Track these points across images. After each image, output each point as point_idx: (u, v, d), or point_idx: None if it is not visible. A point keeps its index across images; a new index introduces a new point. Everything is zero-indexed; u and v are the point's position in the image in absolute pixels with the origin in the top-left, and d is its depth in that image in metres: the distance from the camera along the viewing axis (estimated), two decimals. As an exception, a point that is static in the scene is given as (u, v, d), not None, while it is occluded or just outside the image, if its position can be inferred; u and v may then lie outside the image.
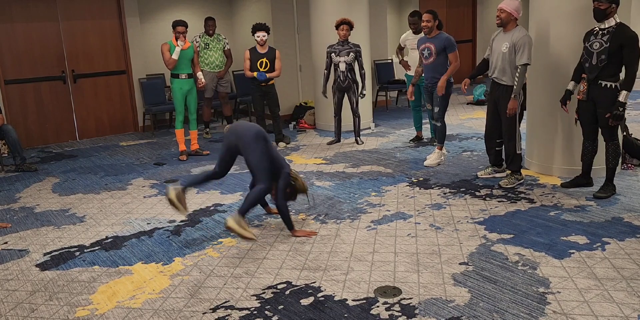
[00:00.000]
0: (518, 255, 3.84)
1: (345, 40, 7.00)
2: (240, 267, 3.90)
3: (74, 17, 8.36)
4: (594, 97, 4.77)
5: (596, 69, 4.67)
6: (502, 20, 5.14)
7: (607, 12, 4.59)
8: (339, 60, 6.99)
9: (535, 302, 3.22)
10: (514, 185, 5.32)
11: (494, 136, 5.54)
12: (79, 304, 3.49)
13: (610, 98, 4.65)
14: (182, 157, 7.03)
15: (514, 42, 5.06)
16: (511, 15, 5.10)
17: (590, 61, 4.71)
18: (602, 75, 4.67)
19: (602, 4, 4.57)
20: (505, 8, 5.10)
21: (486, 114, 5.55)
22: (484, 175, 5.66)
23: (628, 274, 3.51)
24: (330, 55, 7.08)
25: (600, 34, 4.66)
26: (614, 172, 4.92)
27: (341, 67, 7.00)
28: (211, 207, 5.19)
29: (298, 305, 3.34)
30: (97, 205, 5.45)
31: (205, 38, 8.08)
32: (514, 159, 5.34)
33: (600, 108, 4.74)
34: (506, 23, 5.14)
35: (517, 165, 5.36)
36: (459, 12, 12.60)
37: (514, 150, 5.32)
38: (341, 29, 6.91)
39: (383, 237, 4.29)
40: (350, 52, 6.95)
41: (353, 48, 6.98)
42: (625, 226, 4.26)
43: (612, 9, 4.59)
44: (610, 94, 4.66)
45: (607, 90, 4.68)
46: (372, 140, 7.66)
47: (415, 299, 3.32)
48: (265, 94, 7.28)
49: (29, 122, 8.22)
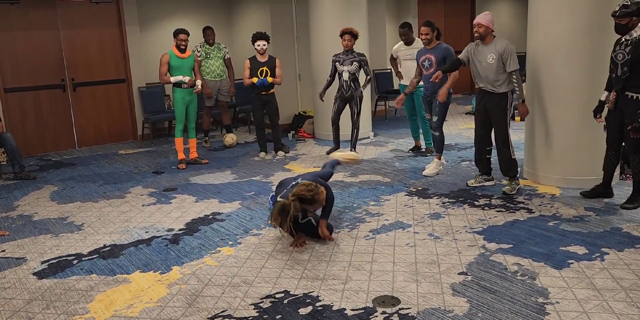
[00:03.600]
0: (517, 265, 3.84)
1: (350, 50, 6.99)
2: (238, 276, 3.89)
3: (74, 25, 8.39)
4: (622, 107, 4.77)
5: (620, 80, 4.68)
6: (480, 34, 5.26)
7: (629, 25, 4.58)
8: (343, 70, 6.97)
9: (534, 313, 3.20)
10: (516, 191, 5.37)
11: (484, 145, 5.56)
12: (76, 312, 3.47)
13: (635, 109, 4.64)
14: (181, 166, 7.03)
15: (500, 52, 5.19)
16: (488, 28, 5.24)
17: (616, 72, 4.71)
18: (627, 86, 4.67)
19: (622, 19, 4.57)
20: (482, 22, 5.22)
21: (475, 124, 5.58)
22: (474, 184, 5.69)
23: (627, 284, 3.50)
24: (335, 64, 7.07)
25: (623, 45, 4.65)
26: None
27: (344, 76, 6.97)
28: (210, 216, 5.18)
29: (296, 314, 3.32)
30: (95, 213, 5.44)
31: (205, 48, 8.11)
32: (511, 165, 5.38)
33: (626, 118, 4.74)
34: (485, 36, 5.27)
35: (515, 170, 5.41)
36: (458, 22, 12.66)
37: (510, 156, 5.36)
38: (344, 39, 6.90)
39: (382, 246, 4.28)
40: (354, 62, 6.93)
41: (357, 57, 6.95)
42: (624, 236, 4.26)
43: (634, 22, 4.56)
44: (635, 105, 4.64)
45: (632, 101, 4.66)
46: (371, 149, 7.67)
47: (414, 309, 3.31)
48: (266, 103, 7.28)
49: (28, 130, 8.22)
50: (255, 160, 7.36)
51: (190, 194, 5.90)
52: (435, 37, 6.22)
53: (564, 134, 5.43)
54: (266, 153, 7.51)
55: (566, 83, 5.30)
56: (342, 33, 6.90)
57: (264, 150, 7.51)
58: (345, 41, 6.88)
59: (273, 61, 7.21)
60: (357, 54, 6.97)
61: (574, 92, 5.29)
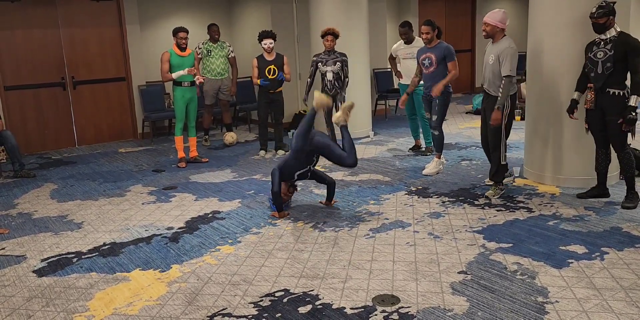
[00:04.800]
0: (517, 265, 3.84)
1: (332, 50, 6.99)
2: (238, 274, 3.89)
3: (74, 24, 8.39)
4: (603, 105, 4.80)
5: (602, 77, 4.72)
6: (487, 33, 5.20)
7: (606, 24, 4.69)
8: (326, 70, 6.96)
9: (534, 312, 3.21)
10: (499, 196, 5.33)
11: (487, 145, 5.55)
12: (76, 310, 3.48)
13: (620, 105, 4.70)
14: (181, 164, 7.03)
15: (498, 53, 5.11)
16: (496, 27, 5.14)
17: (595, 70, 4.76)
18: (609, 83, 4.72)
19: (600, 19, 4.68)
20: (489, 21, 5.15)
21: (480, 123, 5.58)
22: (490, 183, 5.67)
23: (627, 284, 3.51)
24: (316, 64, 7.05)
25: (602, 44, 4.74)
26: (633, 180, 4.92)
27: (328, 76, 6.97)
28: (209, 215, 5.19)
29: (296, 313, 3.32)
30: (95, 211, 5.44)
31: (208, 45, 8.09)
32: (498, 170, 5.35)
33: (609, 115, 4.77)
34: (492, 35, 5.19)
35: (501, 176, 5.37)
36: (458, 22, 12.66)
37: (499, 161, 5.32)
38: (326, 40, 6.87)
39: (381, 245, 4.28)
40: (337, 62, 6.93)
41: (339, 57, 6.96)
42: (624, 236, 4.26)
43: (611, 21, 4.69)
44: (619, 101, 4.72)
45: (616, 97, 4.73)
46: (371, 148, 7.67)
47: (413, 308, 3.31)
48: (272, 102, 7.27)
49: (28, 128, 8.22)
50: (255, 158, 7.37)
51: (190, 193, 5.90)
52: (436, 36, 6.22)
53: (563, 134, 5.43)
54: (266, 152, 7.52)
55: (565, 83, 5.29)
56: (325, 34, 6.87)
57: (264, 148, 7.52)
58: (328, 42, 6.87)
59: (281, 59, 7.20)
60: (340, 54, 6.99)
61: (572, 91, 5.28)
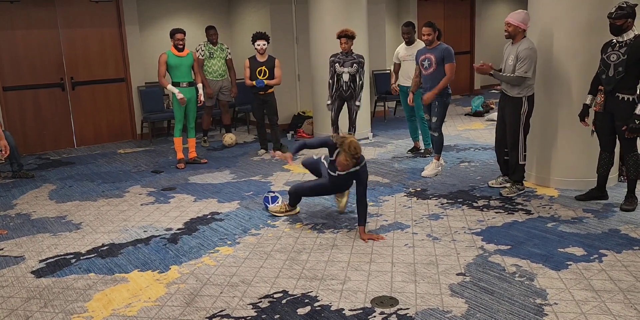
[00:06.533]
0: (515, 267, 3.84)
1: (349, 51, 6.96)
2: (236, 275, 3.89)
3: (73, 24, 8.39)
4: (612, 109, 4.78)
5: (613, 80, 4.68)
6: (509, 33, 5.19)
7: (624, 27, 4.61)
8: (343, 71, 6.93)
9: (532, 314, 3.21)
10: (515, 195, 5.34)
11: (502, 145, 5.55)
12: (74, 311, 3.47)
13: (628, 111, 4.65)
14: (180, 165, 7.02)
15: (517, 54, 5.11)
16: (518, 27, 5.14)
17: (607, 73, 4.72)
18: (619, 87, 4.68)
19: (618, 20, 4.60)
20: (512, 22, 5.14)
21: (496, 124, 5.58)
22: (495, 185, 5.67)
23: (625, 286, 3.51)
24: (334, 64, 7.03)
25: (617, 46, 4.67)
26: (635, 184, 4.91)
27: (344, 77, 6.93)
28: (208, 216, 5.18)
29: (294, 314, 3.32)
30: (93, 212, 5.43)
31: (209, 47, 8.10)
32: (516, 169, 5.37)
33: (618, 120, 4.74)
34: (514, 35, 5.19)
35: (520, 175, 5.39)
36: (457, 24, 12.66)
37: (517, 160, 5.34)
38: (341, 42, 6.85)
39: (380, 247, 4.28)
40: (354, 63, 6.89)
41: (357, 59, 6.92)
42: (622, 238, 4.27)
43: (629, 24, 4.60)
44: (627, 106, 4.66)
45: (624, 102, 4.68)
46: (370, 150, 7.67)
47: (412, 310, 3.31)
48: (264, 103, 7.31)
49: (27, 128, 8.22)
50: (254, 159, 7.37)
51: (189, 194, 5.90)
52: (436, 38, 6.23)
53: (563, 135, 5.44)
54: (266, 151, 7.57)
55: (565, 84, 5.30)
56: (339, 36, 6.85)
57: (264, 147, 7.60)
58: (342, 44, 6.83)
59: (272, 61, 7.23)
60: (357, 56, 6.94)
61: (572, 93, 5.30)
